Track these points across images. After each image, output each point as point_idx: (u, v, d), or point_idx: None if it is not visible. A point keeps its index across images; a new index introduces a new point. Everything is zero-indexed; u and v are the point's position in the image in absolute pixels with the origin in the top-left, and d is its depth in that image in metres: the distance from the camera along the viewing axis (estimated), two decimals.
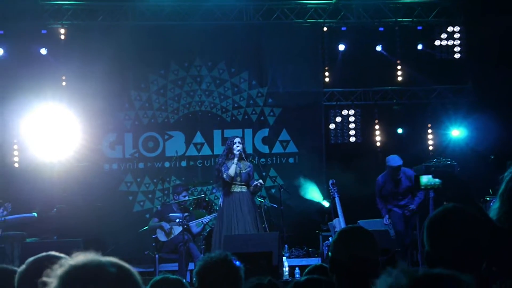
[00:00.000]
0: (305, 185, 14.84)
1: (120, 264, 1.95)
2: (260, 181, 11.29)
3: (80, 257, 1.93)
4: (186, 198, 12.49)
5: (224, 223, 11.01)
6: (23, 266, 3.15)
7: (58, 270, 1.90)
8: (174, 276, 4.41)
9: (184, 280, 4.40)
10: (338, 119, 15.80)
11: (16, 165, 14.59)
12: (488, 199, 11.50)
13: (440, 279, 1.64)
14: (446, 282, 1.63)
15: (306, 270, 4.85)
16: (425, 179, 4.07)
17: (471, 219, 3.01)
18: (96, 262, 1.92)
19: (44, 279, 1.91)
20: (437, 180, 3.95)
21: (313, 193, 14.82)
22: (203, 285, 3.96)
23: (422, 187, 4.04)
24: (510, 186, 4.00)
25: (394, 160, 11.99)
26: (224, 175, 11.05)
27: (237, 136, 11.54)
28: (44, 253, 3.11)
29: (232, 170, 11.02)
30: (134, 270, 1.97)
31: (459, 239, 2.95)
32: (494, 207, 4.04)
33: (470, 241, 2.95)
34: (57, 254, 3.17)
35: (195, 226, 12.25)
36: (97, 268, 1.90)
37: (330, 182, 11.96)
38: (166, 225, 12.16)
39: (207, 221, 12.52)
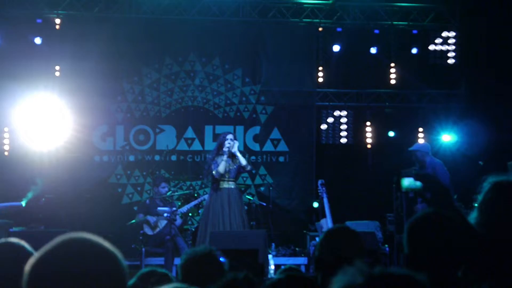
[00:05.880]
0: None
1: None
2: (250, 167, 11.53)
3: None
4: (166, 189, 12.51)
5: (210, 219, 11.05)
6: None
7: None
8: (162, 270, 4.42)
9: (170, 274, 4.41)
10: (330, 119, 15.80)
11: (6, 153, 14.56)
12: (476, 205, 11.51)
13: (395, 278, 1.66)
14: (400, 281, 1.65)
15: (278, 271, 4.84)
16: (406, 182, 4.10)
17: (450, 224, 3.04)
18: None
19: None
20: (418, 183, 3.97)
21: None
22: (186, 278, 3.98)
23: (404, 190, 4.06)
24: (487, 197, 4.02)
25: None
26: (214, 172, 11.11)
27: (230, 133, 11.62)
28: (3, 239, 3.12)
29: (221, 167, 11.07)
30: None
31: (437, 243, 2.98)
32: (472, 217, 4.06)
33: (448, 245, 2.98)
34: (15, 241, 3.16)
35: (178, 218, 12.28)
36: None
37: (319, 182, 11.97)
38: (151, 219, 12.19)
39: (185, 210, 12.49)
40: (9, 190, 13.06)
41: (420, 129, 15.87)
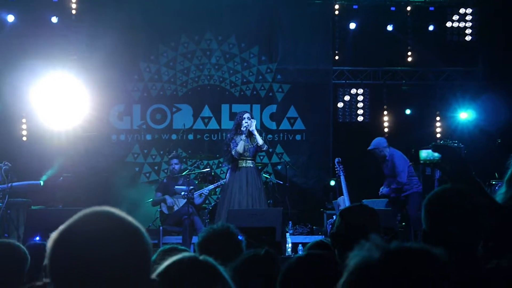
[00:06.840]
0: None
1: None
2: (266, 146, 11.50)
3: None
4: (177, 166, 12.51)
5: (227, 196, 11.09)
6: None
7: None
8: (183, 247, 4.44)
9: (190, 251, 4.44)
10: (347, 97, 15.75)
11: (24, 132, 14.62)
12: (493, 182, 11.47)
13: (411, 253, 1.65)
14: (417, 255, 1.65)
15: (307, 246, 4.87)
16: (424, 153, 4.03)
17: (467, 199, 3.03)
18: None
19: None
20: (436, 154, 3.92)
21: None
22: None
23: (421, 162, 4.00)
24: None
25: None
26: (233, 152, 11.13)
27: (246, 112, 11.58)
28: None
29: (240, 147, 11.09)
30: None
31: (455, 219, 2.97)
32: (500, 192, 4.02)
33: (466, 221, 2.97)
34: None
35: (197, 197, 12.30)
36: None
37: (336, 160, 11.97)
38: (169, 199, 12.22)
39: (207, 192, 12.49)
40: (27, 169, 13.12)
41: (437, 110, 15.79)
